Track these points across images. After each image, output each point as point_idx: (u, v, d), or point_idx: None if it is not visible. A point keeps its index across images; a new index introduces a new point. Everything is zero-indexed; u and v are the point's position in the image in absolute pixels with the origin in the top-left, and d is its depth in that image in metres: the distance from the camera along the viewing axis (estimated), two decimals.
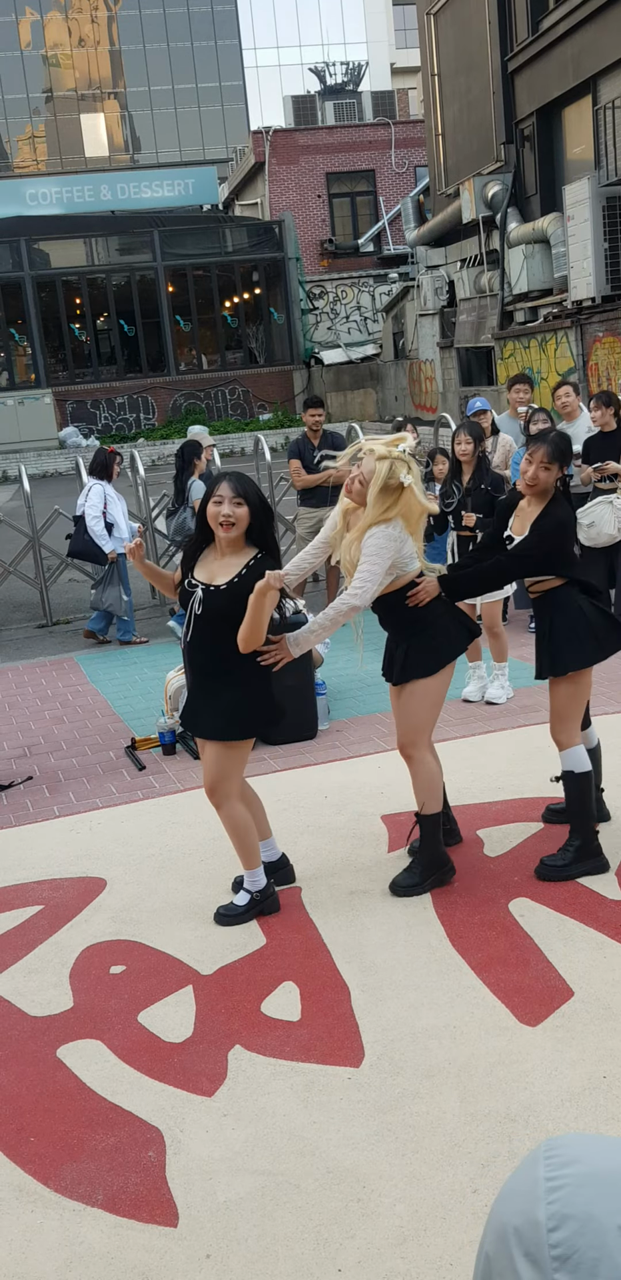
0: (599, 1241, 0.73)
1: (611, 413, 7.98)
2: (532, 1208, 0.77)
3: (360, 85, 39.24)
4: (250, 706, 4.24)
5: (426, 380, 25.57)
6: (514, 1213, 0.79)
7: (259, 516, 4.12)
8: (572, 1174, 0.78)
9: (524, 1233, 0.77)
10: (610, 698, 6.63)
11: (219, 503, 4.05)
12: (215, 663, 4.19)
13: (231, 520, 4.04)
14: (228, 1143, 3.11)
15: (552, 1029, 3.46)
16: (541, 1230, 0.76)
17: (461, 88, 23.70)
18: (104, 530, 9.22)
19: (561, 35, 19.04)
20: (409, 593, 4.34)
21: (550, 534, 4.43)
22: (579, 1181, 0.77)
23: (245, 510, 4.06)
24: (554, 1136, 0.82)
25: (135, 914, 4.55)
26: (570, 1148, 0.80)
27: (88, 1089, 3.43)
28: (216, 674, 4.20)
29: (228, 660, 4.16)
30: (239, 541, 4.12)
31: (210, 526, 4.12)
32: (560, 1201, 0.76)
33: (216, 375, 32.04)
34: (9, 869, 5.12)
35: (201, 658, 4.22)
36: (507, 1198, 0.81)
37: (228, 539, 4.09)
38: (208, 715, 4.24)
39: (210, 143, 51.42)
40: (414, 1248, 2.66)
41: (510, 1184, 0.82)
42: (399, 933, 4.15)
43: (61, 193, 36.01)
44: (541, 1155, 0.80)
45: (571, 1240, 0.74)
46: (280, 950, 4.13)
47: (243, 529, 4.09)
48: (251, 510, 4.08)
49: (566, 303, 18.12)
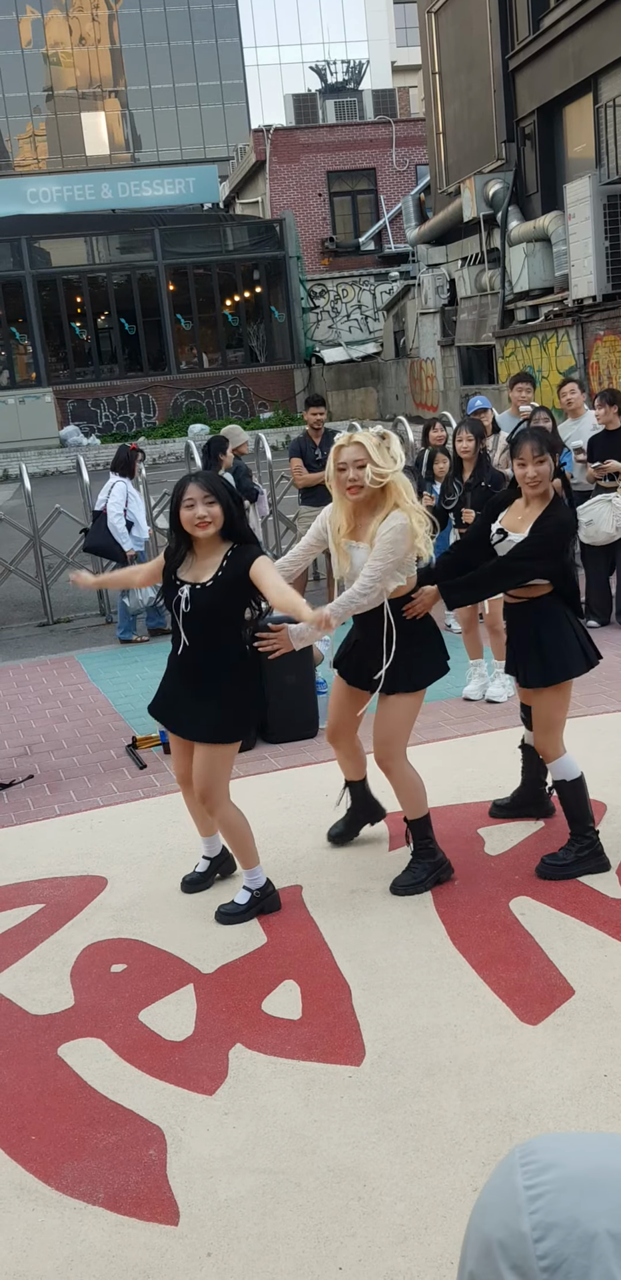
0: (587, 1248, 0.72)
1: (615, 411, 7.99)
2: (515, 1219, 0.75)
3: (361, 83, 39.25)
4: (239, 708, 4.26)
5: (427, 379, 25.57)
6: (496, 1225, 0.76)
7: (230, 511, 4.16)
8: (552, 1179, 0.76)
9: (509, 1246, 0.75)
10: (610, 697, 6.62)
11: (191, 505, 4.09)
12: (205, 663, 4.20)
13: (207, 520, 4.09)
14: (228, 1141, 3.11)
15: (553, 1027, 3.46)
16: (527, 1242, 0.74)
17: (462, 86, 23.69)
18: (125, 528, 9.24)
19: (562, 33, 19.03)
20: (405, 606, 4.32)
21: (553, 536, 4.35)
22: (559, 1186, 0.75)
23: (218, 508, 4.11)
24: (525, 1142, 0.80)
25: (136, 912, 4.55)
26: (545, 1152, 0.78)
27: (89, 1087, 3.43)
28: (205, 675, 4.21)
29: (217, 660, 4.19)
30: (215, 539, 4.17)
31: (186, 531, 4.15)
32: (542, 1210, 0.74)
33: (217, 374, 32.04)
34: (10, 867, 5.12)
35: (190, 658, 4.22)
36: (486, 1210, 0.78)
37: (205, 538, 4.14)
38: (197, 717, 4.24)
39: (211, 141, 51.41)
40: (415, 1246, 2.66)
41: (487, 1196, 0.79)
42: (400, 931, 4.15)
43: (62, 191, 36.03)
44: (517, 1163, 0.78)
45: (559, 1249, 0.73)
46: (281, 949, 4.13)
47: (219, 526, 4.13)
48: (223, 506, 4.12)
49: (567, 301, 18.12)
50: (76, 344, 31.75)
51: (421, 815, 4.48)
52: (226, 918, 4.35)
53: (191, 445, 12.15)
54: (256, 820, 5.31)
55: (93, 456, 25.68)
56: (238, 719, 4.28)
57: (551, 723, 4.44)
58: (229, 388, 31.81)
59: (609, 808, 5.00)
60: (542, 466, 4.36)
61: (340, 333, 32.54)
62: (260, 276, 32.59)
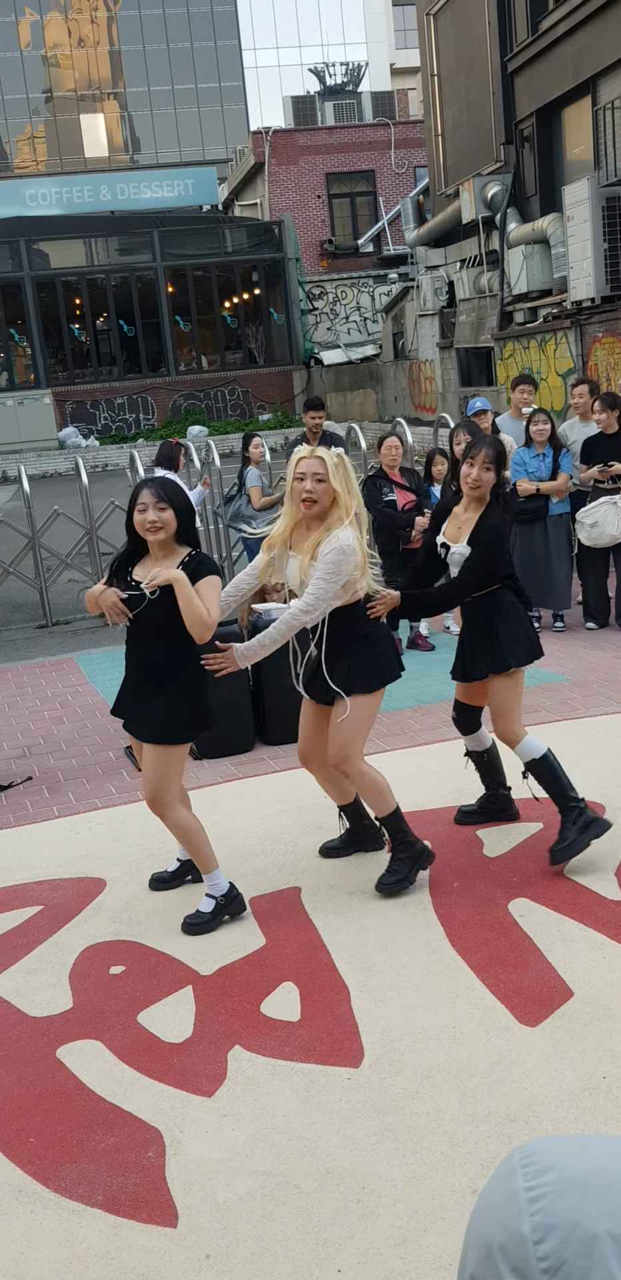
0: (587, 1249, 0.72)
1: (615, 415, 7.99)
2: (515, 1221, 0.75)
3: (360, 86, 39.25)
4: (187, 709, 4.28)
5: (426, 380, 25.57)
6: (496, 1228, 0.76)
7: (184, 516, 4.21)
8: (552, 1181, 0.76)
9: (509, 1248, 0.75)
10: (609, 698, 6.63)
11: (143, 510, 4.14)
12: (157, 664, 4.25)
13: (158, 525, 4.14)
14: (227, 1143, 3.11)
15: (552, 1029, 3.46)
16: (527, 1244, 0.74)
17: (461, 88, 23.70)
18: None
19: (561, 36, 19.04)
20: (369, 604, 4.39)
21: (490, 545, 4.55)
22: (559, 1188, 0.75)
23: (170, 513, 4.16)
24: (525, 1144, 0.80)
25: (135, 914, 4.55)
26: (545, 1154, 0.78)
27: (87, 1089, 3.43)
28: (158, 675, 4.25)
29: (168, 662, 4.23)
30: (169, 543, 4.22)
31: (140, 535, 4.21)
32: (543, 1212, 0.74)
33: (216, 376, 32.05)
34: (9, 869, 5.12)
35: (142, 658, 4.29)
36: (486, 1213, 0.78)
37: (158, 542, 4.19)
38: (146, 717, 4.29)
39: (210, 143, 51.44)
40: (413, 1248, 2.66)
41: (487, 1198, 0.79)
42: (398, 933, 4.15)
43: (61, 193, 36.01)
44: (517, 1165, 0.78)
45: (559, 1251, 0.73)
46: (280, 950, 4.13)
47: (171, 531, 4.18)
48: (176, 511, 4.17)
49: (566, 303, 18.13)
50: (75, 346, 31.76)
51: (390, 810, 4.48)
52: (193, 928, 4.32)
53: (190, 447, 12.15)
54: (256, 822, 5.32)
55: (91, 458, 25.70)
56: (186, 721, 4.29)
57: (506, 708, 4.59)
58: (228, 389, 31.82)
59: (609, 808, 5.00)
60: (487, 474, 4.55)
61: (339, 334, 32.54)
62: (259, 278, 32.60)
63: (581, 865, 4.50)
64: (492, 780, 5.02)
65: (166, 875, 4.77)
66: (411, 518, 7.92)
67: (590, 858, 4.54)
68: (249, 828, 5.29)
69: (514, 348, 19.86)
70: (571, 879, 4.42)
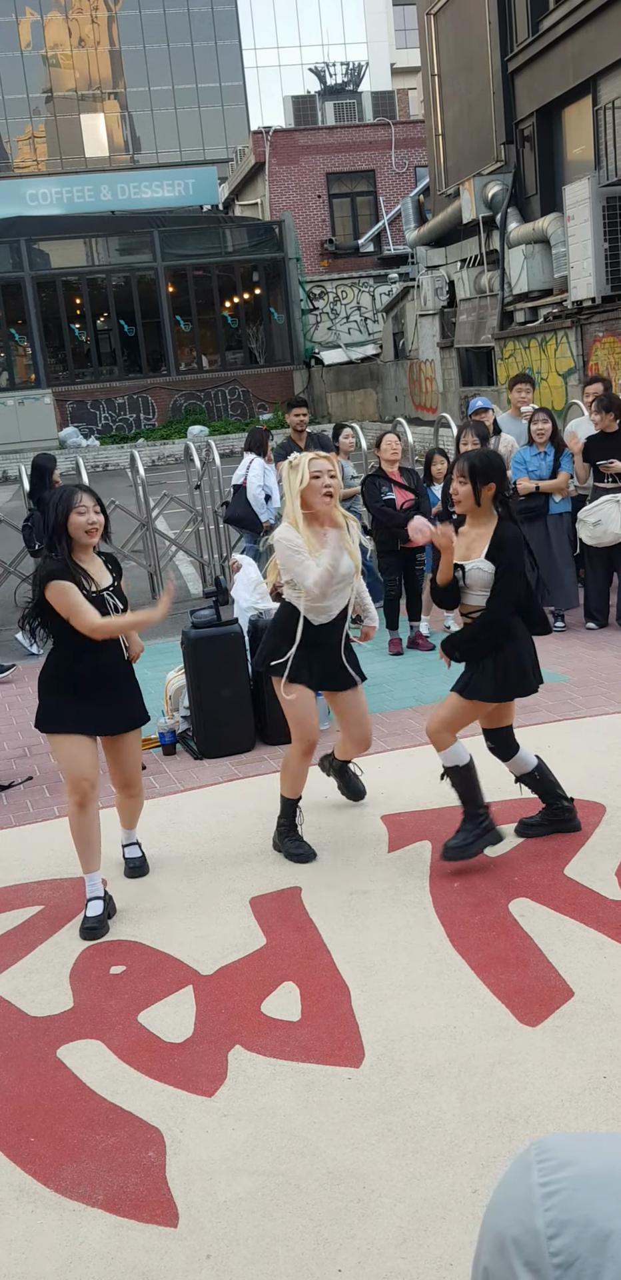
0: (600, 1246, 0.72)
1: (611, 418, 8.00)
2: (530, 1216, 0.75)
3: (360, 85, 39.22)
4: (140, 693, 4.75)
5: (426, 380, 25.58)
6: (510, 1222, 0.77)
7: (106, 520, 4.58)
8: (567, 1177, 0.76)
9: (523, 1242, 0.75)
10: (610, 698, 6.63)
11: (83, 513, 4.40)
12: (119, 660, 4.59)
13: (97, 527, 4.46)
14: (228, 1143, 3.11)
15: (552, 1029, 3.46)
16: (541, 1239, 0.74)
17: (461, 88, 23.70)
18: (264, 500, 9.57)
19: (561, 35, 19.04)
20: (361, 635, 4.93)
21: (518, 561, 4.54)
22: (574, 1185, 0.75)
23: (102, 517, 4.50)
24: (541, 1139, 0.80)
25: (135, 914, 4.55)
26: (561, 1150, 0.78)
27: (88, 1089, 3.43)
28: (121, 669, 4.60)
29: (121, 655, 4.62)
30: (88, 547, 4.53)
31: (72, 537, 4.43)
32: (557, 1207, 0.74)
33: (216, 375, 32.03)
34: (9, 869, 5.12)
35: (111, 655, 4.54)
36: (501, 1207, 0.79)
37: (94, 544, 4.51)
38: (133, 705, 4.65)
39: (210, 143, 51.41)
40: (414, 1248, 2.66)
41: (502, 1192, 0.80)
42: (399, 933, 4.15)
43: (61, 193, 35.97)
44: (533, 1160, 0.78)
45: (572, 1247, 0.73)
46: (280, 950, 4.13)
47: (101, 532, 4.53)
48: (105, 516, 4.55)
49: (566, 303, 18.13)
50: (76, 345, 31.74)
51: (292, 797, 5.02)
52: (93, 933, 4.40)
53: (190, 447, 12.15)
54: (255, 821, 5.32)
55: (92, 458, 25.69)
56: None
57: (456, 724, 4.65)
58: (228, 389, 31.81)
59: (609, 809, 5.00)
60: (463, 487, 4.55)
61: (339, 334, 32.53)
62: (259, 278, 32.59)
63: (582, 865, 4.51)
64: (551, 795, 4.86)
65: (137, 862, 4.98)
66: (410, 516, 7.92)
67: (590, 858, 4.54)
68: (249, 827, 5.29)
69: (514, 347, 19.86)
70: (572, 879, 4.42)
